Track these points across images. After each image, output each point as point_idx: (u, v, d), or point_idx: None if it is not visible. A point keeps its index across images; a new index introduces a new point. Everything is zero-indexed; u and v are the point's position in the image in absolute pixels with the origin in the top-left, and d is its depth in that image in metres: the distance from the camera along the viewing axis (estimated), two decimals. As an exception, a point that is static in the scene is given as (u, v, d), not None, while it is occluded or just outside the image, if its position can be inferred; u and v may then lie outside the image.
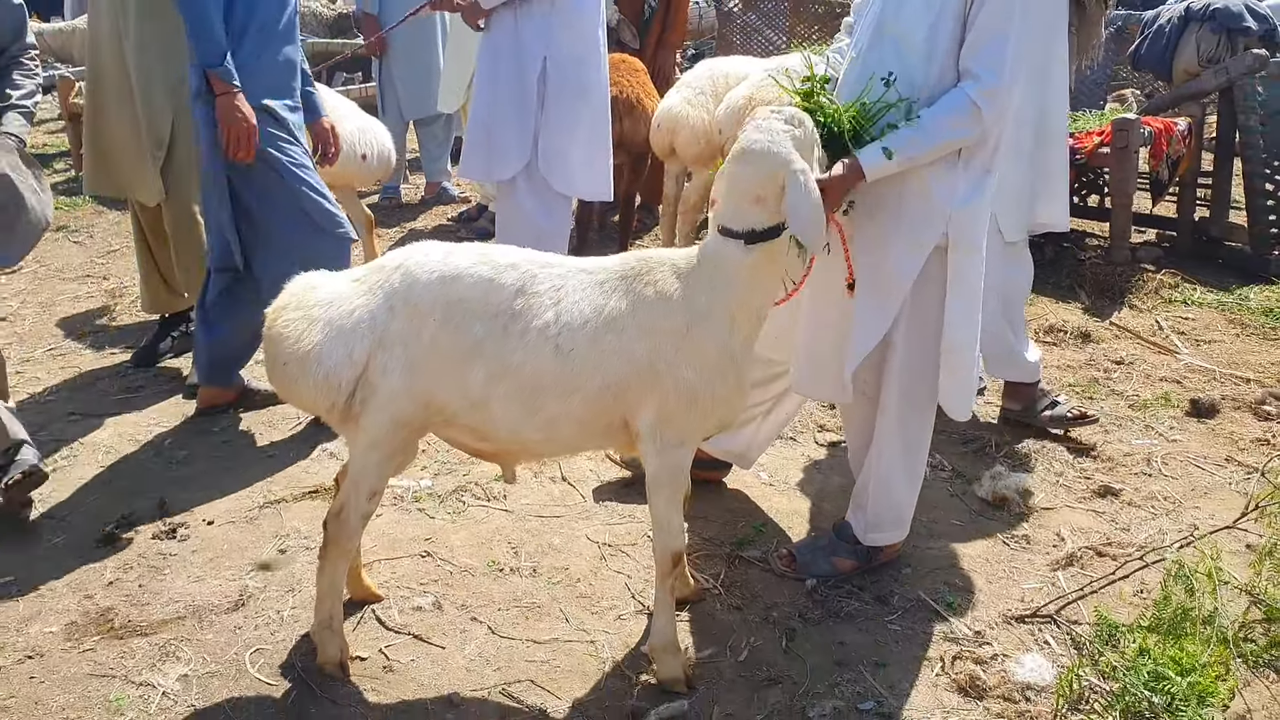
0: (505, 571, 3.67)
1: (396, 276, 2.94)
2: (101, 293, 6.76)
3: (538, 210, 5.35)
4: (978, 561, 3.76)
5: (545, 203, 5.35)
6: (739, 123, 6.01)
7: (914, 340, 3.36)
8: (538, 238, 5.31)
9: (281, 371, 2.96)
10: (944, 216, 3.20)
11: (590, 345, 2.88)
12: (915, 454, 3.55)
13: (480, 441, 3.07)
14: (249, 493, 4.20)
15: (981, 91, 3.03)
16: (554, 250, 5.32)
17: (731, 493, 4.19)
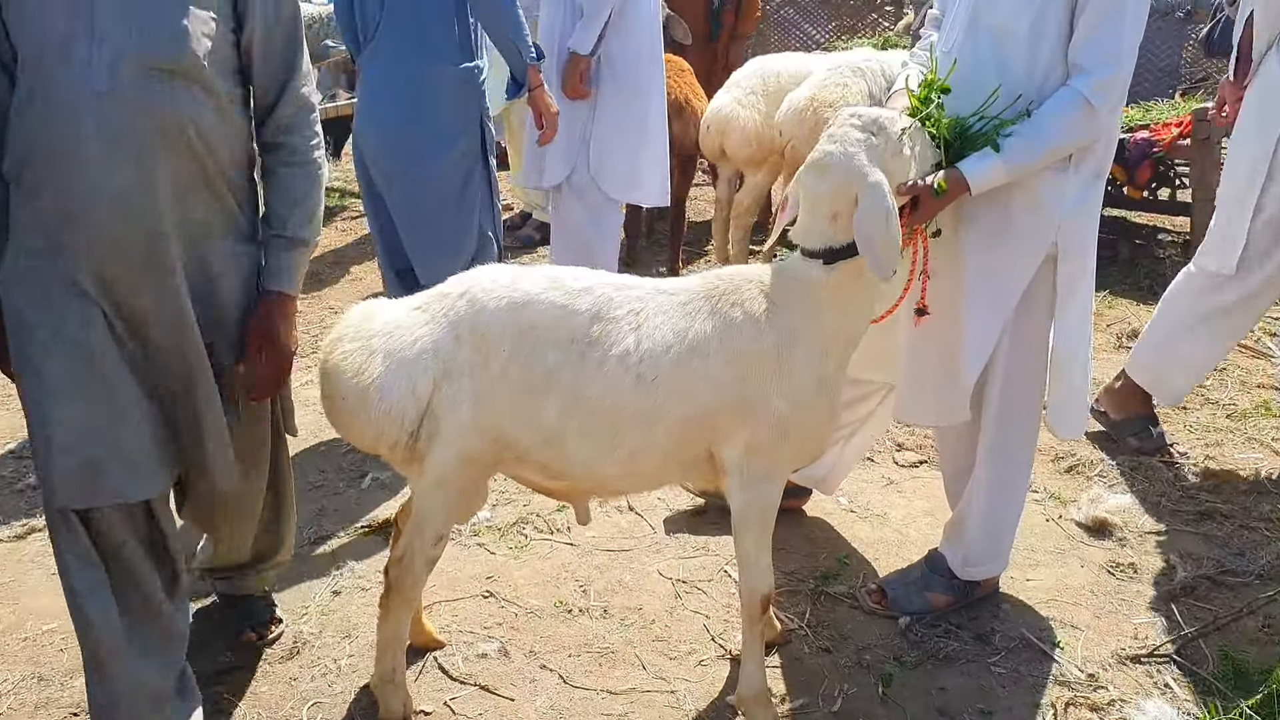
0: (574, 612, 3.43)
1: (462, 303, 2.71)
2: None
3: (585, 220, 5.11)
4: (1083, 594, 3.48)
5: (593, 211, 5.10)
6: (802, 124, 5.77)
7: (1017, 357, 3.09)
8: (586, 247, 5.10)
9: (340, 407, 2.73)
10: (1053, 225, 2.94)
11: (675, 372, 2.64)
12: (1017, 479, 3.28)
13: (553, 480, 2.84)
14: (303, 527, 3.97)
15: (1094, 85, 2.76)
16: (603, 261, 5.20)
17: (811, 521, 3.92)
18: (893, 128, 2.68)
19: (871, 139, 2.64)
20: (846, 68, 5.99)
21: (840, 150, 2.63)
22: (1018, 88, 2.86)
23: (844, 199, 2.62)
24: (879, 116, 2.69)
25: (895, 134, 2.68)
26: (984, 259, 2.97)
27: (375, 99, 4.27)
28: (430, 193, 4.28)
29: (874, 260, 2.59)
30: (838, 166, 2.62)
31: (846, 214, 2.63)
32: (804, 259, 2.71)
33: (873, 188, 2.57)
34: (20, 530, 4.01)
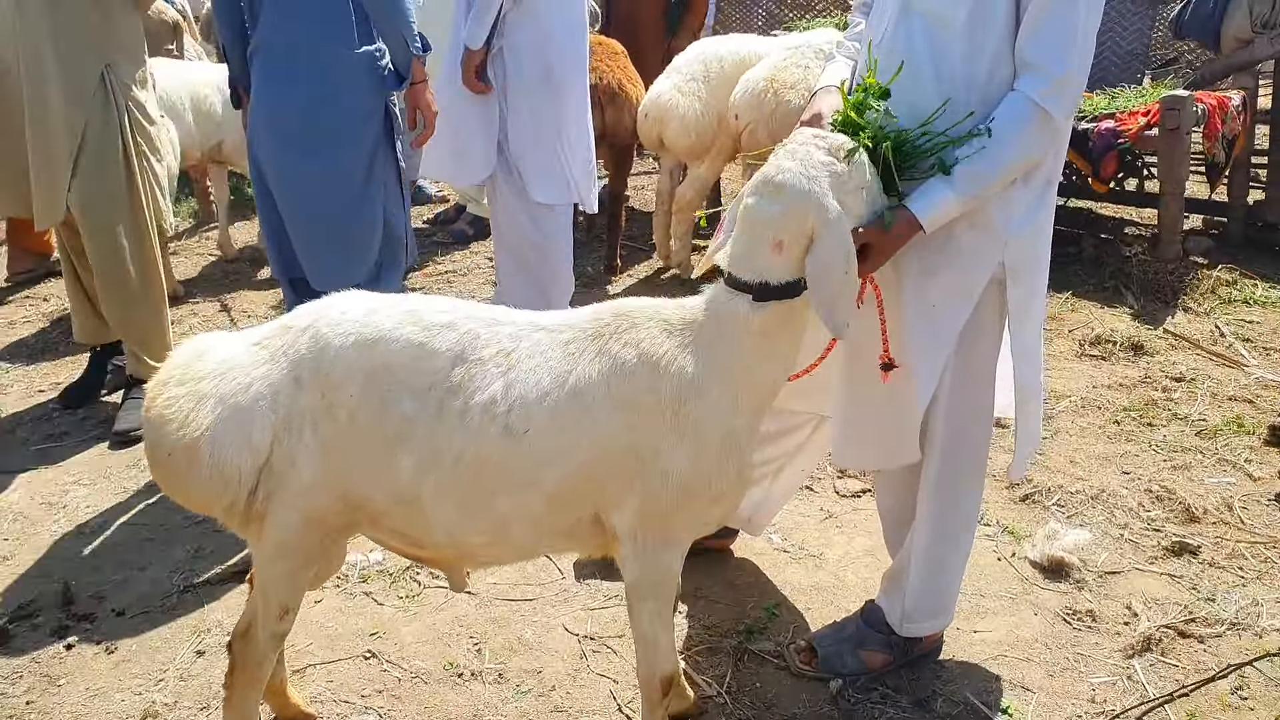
0: (465, 676, 3.03)
1: (304, 340, 2.30)
2: (40, 315, 6.12)
3: (525, 221, 4.65)
4: (1035, 647, 3.11)
5: (530, 211, 4.65)
6: (760, 106, 5.37)
7: (961, 392, 2.70)
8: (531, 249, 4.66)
9: (165, 465, 2.32)
10: (1000, 244, 2.55)
11: (551, 425, 2.24)
12: (963, 527, 2.90)
13: (413, 546, 2.44)
14: (169, 573, 3.56)
15: (1044, 91, 2.36)
16: (553, 264, 4.75)
17: (738, 563, 3.52)
18: (864, 157, 2.28)
19: (835, 165, 2.23)
20: (808, 49, 5.58)
21: (801, 170, 2.22)
22: (957, 86, 2.46)
23: (795, 229, 2.21)
24: (848, 144, 2.27)
25: (865, 163, 2.28)
26: (924, 284, 2.58)
27: (269, 91, 3.83)
28: (330, 190, 3.85)
29: (828, 311, 2.20)
30: (795, 189, 2.21)
31: (795, 247, 2.22)
32: (728, 291, 2.31)
33: (835, 223, 2.18)
34: None
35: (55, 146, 4.24)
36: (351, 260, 3.97)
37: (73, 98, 4.19)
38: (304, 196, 3.86)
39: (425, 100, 3.87)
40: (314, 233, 3.91)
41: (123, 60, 4.32)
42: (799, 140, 2.29)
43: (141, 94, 4.44)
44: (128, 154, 4.35)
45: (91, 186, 4.29)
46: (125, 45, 4.34)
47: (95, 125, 4.24)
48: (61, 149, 4.24)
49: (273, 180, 3.90)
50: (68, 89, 4.18)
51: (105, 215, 4.34)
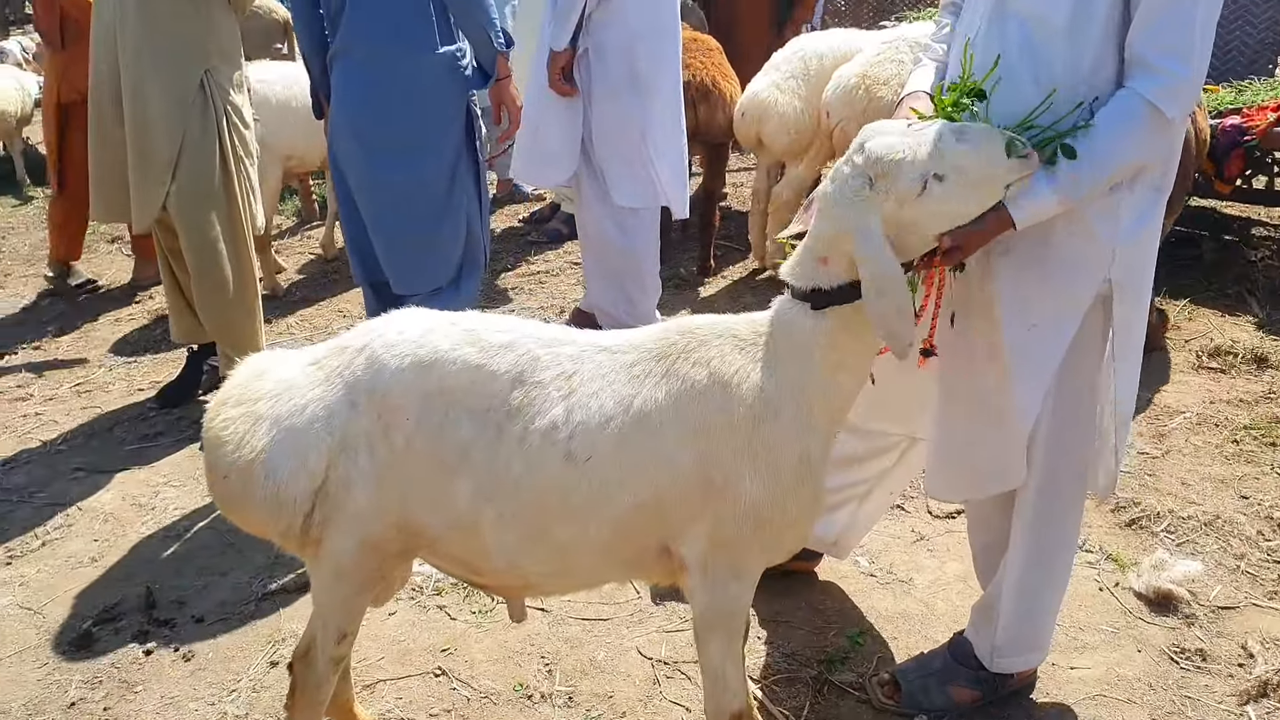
0: (534, 698, 2.96)
1: (360, 361, 2.24)
2: (145, 313, 6.25)
3: (609, 225, 4.57)
4: (1138, 688, 2.91)
5: (615, 214, 4.56)
6: (851, 104, 5.19)
7: (1062, 413, 2.52)
8: (617, 254, 4.57)
9: (223, 486, 2.29)
10: (1108, 255, 2.36)
11: (615, 451, 2.14)
12: (1061, 557, 2.72)
13: (472, 573, 2.36)
14: (249, 579, 3.57)
15: (1159, 90, 2.17)
16: (639, 268, 4.66)
17: (822, 587, 3.38)
18: (901, 170, 2.08)
19: (867, 188, 2.08)
20: (903, 43, 5.36)
21: (835, 195, 2.11)
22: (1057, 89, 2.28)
23: (836, 250, 2.11)
24: (884, 155, 2.08)
25: (910, 179, 2.08)
26: (1023, 300, 2.40)
27: (350, 98, 3.81)
28: (414, 198, 3.82)
29: (882, 331, 2.07)
30: (828, 214, 2.11)
31: (837, 261, 2.12)
32: (791, 302, 2.20)
33: (863, 255, 2.05)
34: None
35: (155, 151, 4.27)
36: (435, 265, 3.93)
37: (174, 103, 4.22)
38: (388, 204, 3.84)
39: (510, 96, 3.81)
40: (398, 240, 3.88)
41: (222, 64, 4.35)
42: (847, 153, 2.15)
43: (238, 97, 4.47)
44: (224, 157, 4.38)
45: (190, 189, 4.33)
46: (224, 49, 4.37)
47: (195, 130, 4.27)
48: (162, 154, 4.27)
49: (355, 187, 3.88)
50: (169, 95, 4.21)
51: (202, 218, 4.37)
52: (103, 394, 5.17)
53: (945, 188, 2.07)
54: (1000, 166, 2.11)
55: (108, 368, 5.49)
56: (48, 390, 5.23)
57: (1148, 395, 4.53)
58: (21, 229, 8.35)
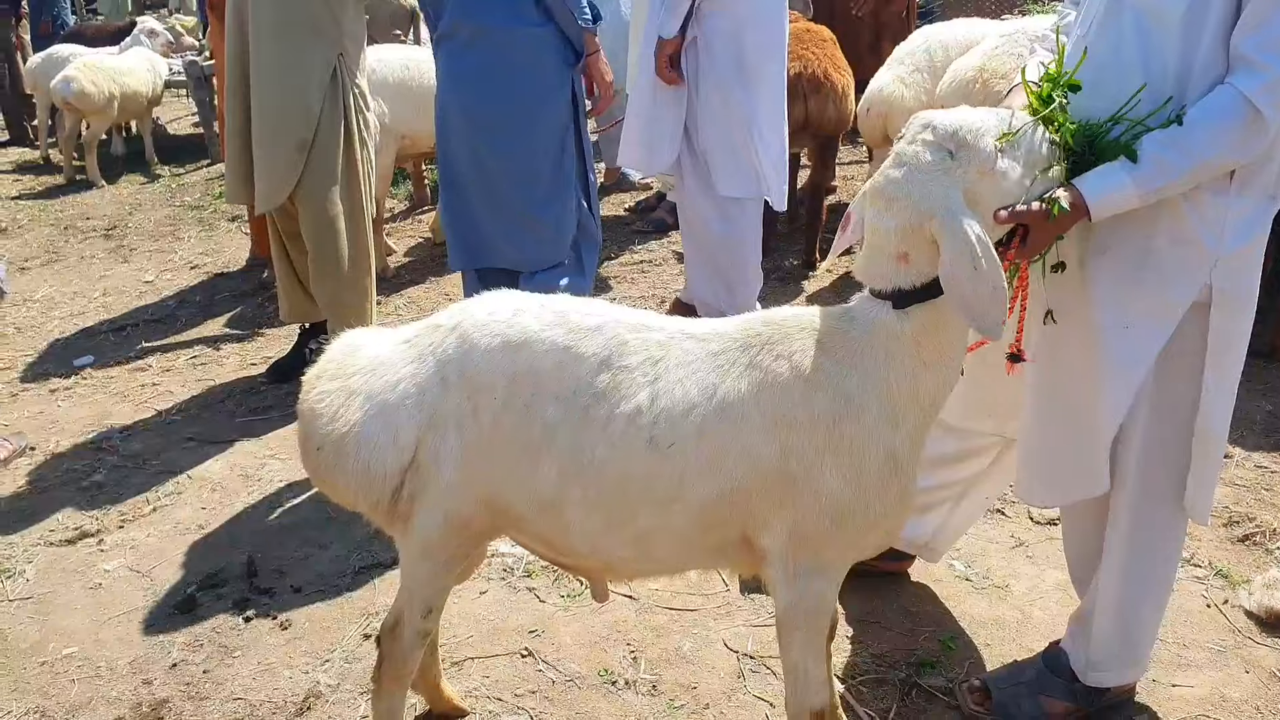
0: (618, 685, 2.96)
1: (451, 340, 2.26)
2: (260, 291, 6.42)
3: (711, 214, 4.55)
4: (1244, 710, 2.79)
5: (717, 204, 4.53)
6: (968, 98, 5.06)
7: (1158, 425, 2.43)
8: (718, 245, 4.54)
9: (316, 458, 2.33)
10: (1208, 263, 2.26)
11: (697, 439, 2.12)
12: (1159, 571, 2.62)
13: (557, 554, 2.37)
14: (348, 552, 3.64)
15: (1264, 88, 2.07)
16: (740, 259, 4.63)
17: (915, 589, 3.31)
18: (980, 138, 2.05)
19: (949, 160, 2.03)
20: (1023, 35, 5.22)
21: (908, 178, 2.05)
22: (1166, 87, 2.20)
23: (916, 239, 2.04)
24: (960, 127, 2.05)
25: (986, 148, 2.04)
26: (1118, 300, 2.32)
27: (458, 77, 3.86)
28: (528, 172, 3.86)
29: (968, 313, 2.01)
30: (904, 201, 2.04)
31: (921, 254, 2.05)
32: (872, 300, 2.15)
33: (951, 224, 1.98)
34: (71, 534, 3.82)
35: (290, 133, 4.38)
36: (553, 240, 3.98)
37: (311, 86, 4.32)
38: (503, 181, 3.88)
39: (599, 70, 3.85)
40: (515, 216, 3.92)
41: (351, 47, 4.46)
42: (909, 136, 2.09)
43: (363, 81, 4.57)
44: (349, 139, 4.49)
45: (319, 170, 4.44)
46: (353, 33, 4.47)
47: (327, 113, 4.38)
48: (296, 135, 4.38)
49: (466, 169, 3.92)
50: (305, 78, 4.32)
51: (325, 198, 4.48)
52: (217, 367, 5.33)
53: (1008, 164, 2.07)
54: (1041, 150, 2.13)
55: (223, 342, 5.67)
56: (165, 362, 5.42)
57: (1268, 407, 4.35)
58: (148, 206, 8.67)
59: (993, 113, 2.13)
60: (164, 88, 10.22)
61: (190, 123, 11.81)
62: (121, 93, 9.34)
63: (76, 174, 9.50)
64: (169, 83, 10.29)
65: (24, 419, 4.82)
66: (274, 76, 4.36)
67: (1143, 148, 2.14)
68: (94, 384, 5.20)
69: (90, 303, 6.42)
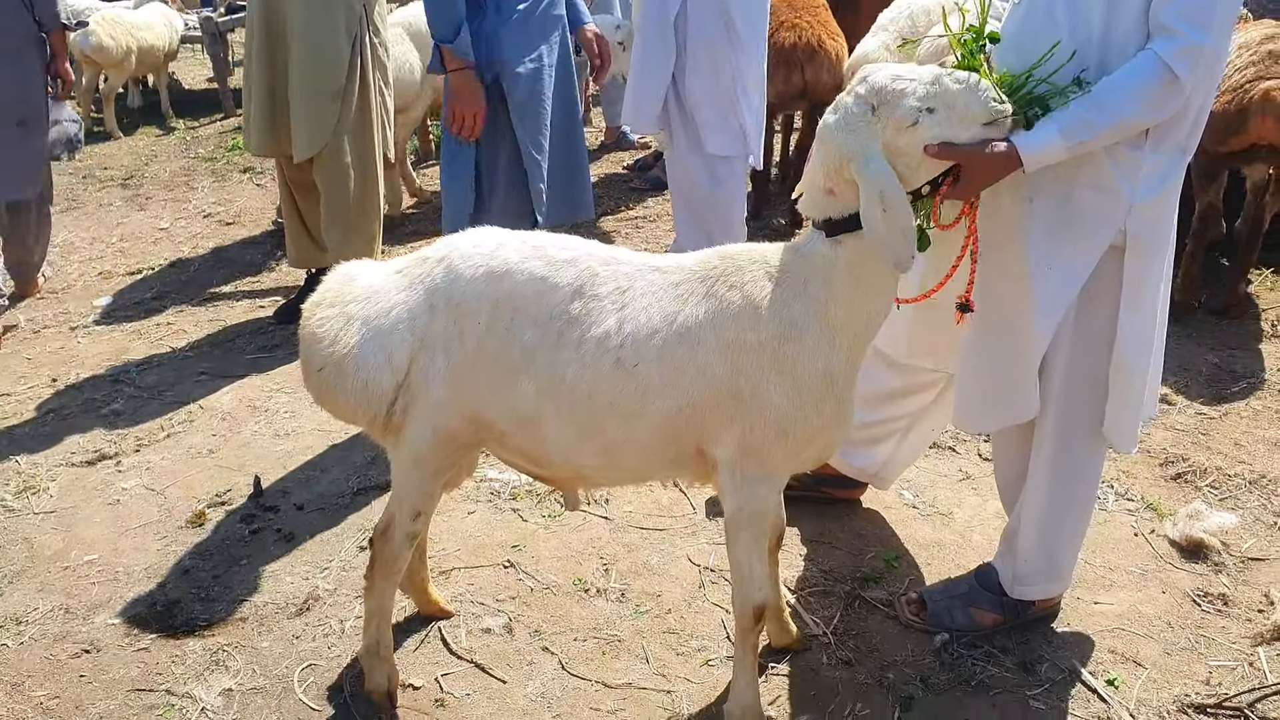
0: (590, 592, 3.25)
1: (439, 270, 2.53)
2: (270, 240, 6.69)
3: (700, 172, 4.78)
4: (1157, 625, 3.07)
5: (706, 162, 4.77)
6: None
7: (1079, 358, 2.70)
8: (704, 203, 4.78)
9: (317, 379, 2.60)
10: (1123, 210, 2.52)
11: (658, 360, 2.39)
12: (1079, 493, 2.89)
13: (533, 465, 2.65)
14: (347, 474, 3.93)
15: (1178, 51, 2.31)
16: (726, 214, 4.86)
17: (865, 514, 3.60)
18: (902, 99, 2.29)
19: (870, 114, 2.29)
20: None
21: (836, 124, 2.32)
22: (1091, 48, 2.45)
23: (838, 178, 2.32)
24: (885, 86, 2.30)
25: (907, 107, 2.28)
26: (1044, 244, 2.58)
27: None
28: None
29: (884, 253, 2.28)
30: (831, 143, 2.31)
31: (843, 189, 2.32)
32: (813, 232, 2.42)
33: (865, 168, 2.24)
34: (91, 456, 4.11)
35: (329, 82, 4.66)
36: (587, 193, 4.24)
37: (343, 36, 4.61)
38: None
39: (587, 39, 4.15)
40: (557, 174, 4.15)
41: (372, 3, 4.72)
42: (847, 88, 2.35)
43: (384, 31, 4.83)
44: (365, 89, 4.75)
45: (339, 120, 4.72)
46: None
47: (355, 61, 4.64)
48: (334, 84, 4.66)
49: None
50: (339, 28, 4.61)
51: (341, 147, 4.76)
52: (228, 309, 5.61)
53: (934, 120, 2.29)
54: (979, 107, 2.31)
55: (233, 285, 5.95)
56: (179, 303, 5.70)
57: (1214, 360, 4.61)
58: (164, 157, 8.93)
59: (928, 72, 2.36)
60: (180, 42, 10.46)
61: (205, 77, 12.06)
62: (139, 47, 9.58)
63: (94, 125, 9.76)
64: (185, 38, 10.53)
65: (45, 354, 5.12)
66: (306, 29, 4.61)
67: (1070, 106, 2.38)
68: (111, 323, 5.49)
69: (108, 248, 6.71)
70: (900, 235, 2.24)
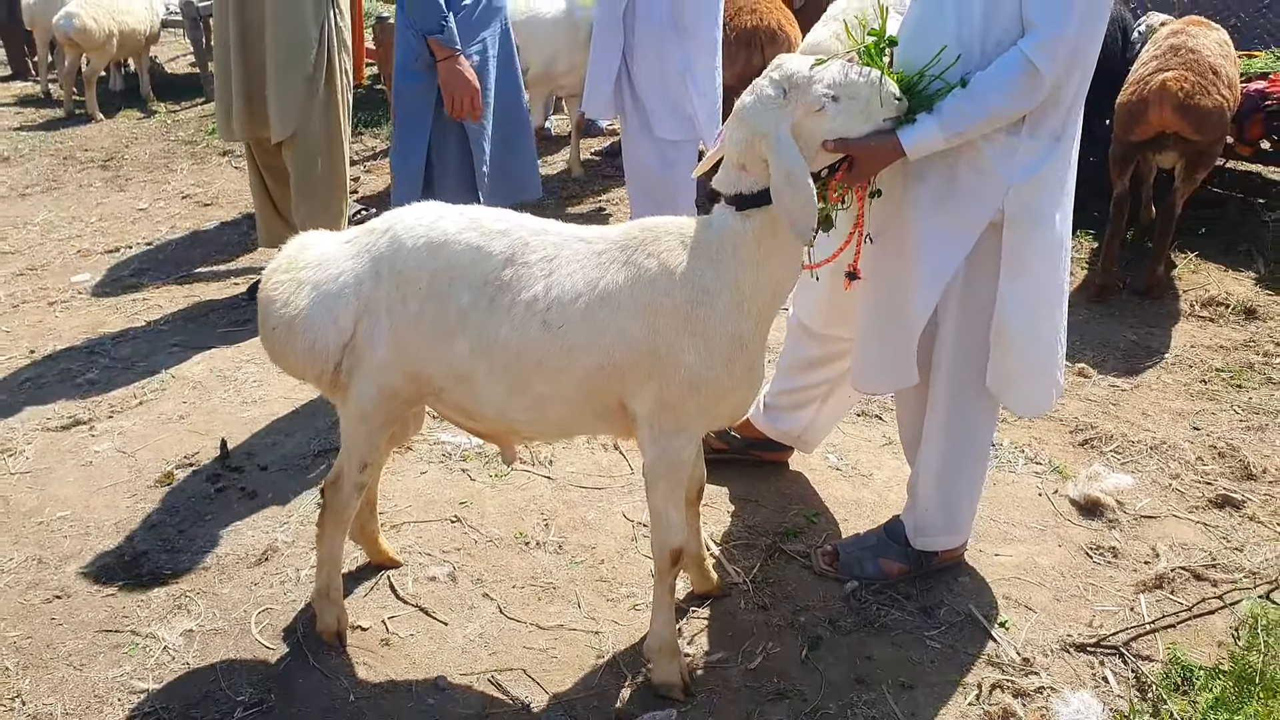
0: (530, 545, 3.50)
1: (384, 240, 2.76)
2: (247, 221, 6.90)
3: (651, 155, 5.01)
4: (1050, 574, 3.33)
5: (657, 146, 5.00)
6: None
7: (965, 325, 2.95)
8: (657, 187, 5.01)
9: (271, 337, 2.84)
10: (1000, 191, 2.76)
11: (582, 322, 2.63)
12: (971, 451, 3.15)
13: (469, 419, 2.89)
14: (309, 438, 4.17)
15: (1037, 45, 2.55)
16: (676, 197, 5.10)
17: (791, 475, 3.86)
18: (811, 85, 2.54)
19: (782, 97, 2.52)
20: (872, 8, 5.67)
21: (751, 105, 2.55)
22: (973, 44, 2.68)
23: (751, 154, 2.54)
24: (796, 73, 2.55)
25: (816, 93, 2.53)
26: (929, 220, 2.83)
27: None
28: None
29: (790, 223, 2.51)
30: (745, 123, 2.54)
31: (755, 167, 2.55)
32: (724, 207, 2.65)
33: (775, 148, 2.47)
34: (66, 421, 4.33)
35: (301, 65, 4.88)
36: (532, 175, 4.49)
37: (311, 20, 4.83)
38: None
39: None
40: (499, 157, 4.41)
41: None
42: (764, 73, 2.58)
43: (343, 20, 5.05)
44: (331, 72, 4.97)
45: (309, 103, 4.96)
46: None
47: (323, 44, 4.87)
48: (306, 67, 4.88)
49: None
50: (308, 12, 4.82)
51: (313, 128, 4.99)
52: (202, 285, 5.84)
53: (838, 108, 2.53)
54: (880, 102, 2.57)
55: (208, 264, 6.17)
56: (155, 280, 5.91)
57: (1132, 337, 4.88)
58: (144, 140, 9.13)
59: (837, 64, 2.61)
60: (161, 26, 10.64)
61: (186, 61, 12.24)
62: (120, 30, 9.76)
63: (76, 108, 9.95)
64: (165, 22, 10.71)
65: (24, 326, 5.33)
66: (278, 15, 4.81)
67: (946, 100, 2.63)
68: (88, 298, 5.70)
69: (87, 227, 6.91)
70: (803, 209, 2.47)
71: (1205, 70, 4.93)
